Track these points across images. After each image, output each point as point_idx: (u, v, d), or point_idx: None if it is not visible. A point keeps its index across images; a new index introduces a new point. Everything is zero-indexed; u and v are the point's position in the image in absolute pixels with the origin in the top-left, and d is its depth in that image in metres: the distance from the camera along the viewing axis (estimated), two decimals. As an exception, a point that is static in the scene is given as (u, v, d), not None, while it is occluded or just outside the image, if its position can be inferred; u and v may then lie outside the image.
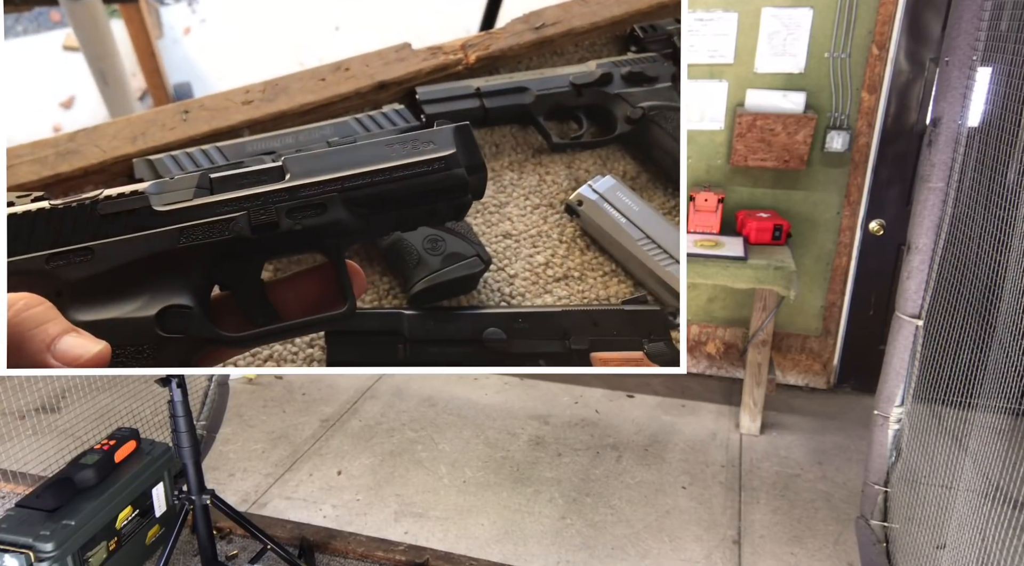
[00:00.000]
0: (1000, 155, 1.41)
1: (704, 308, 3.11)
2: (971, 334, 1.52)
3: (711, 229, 2.65)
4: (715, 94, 2.78)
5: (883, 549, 1.81)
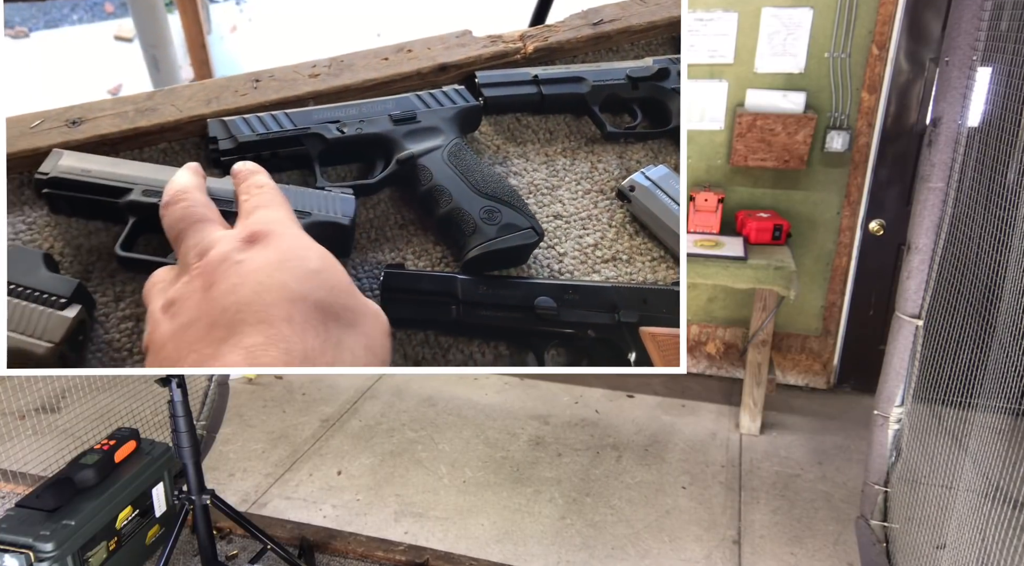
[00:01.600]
0: (1000, 155, 1.41)
1: (704, 308, 3.11)
2: (971, 334, 1.52)
3: (711, 229, 2.65)
4: (715, 94, 2.78)
5: (883, 549, 1.81)
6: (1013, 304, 1.35)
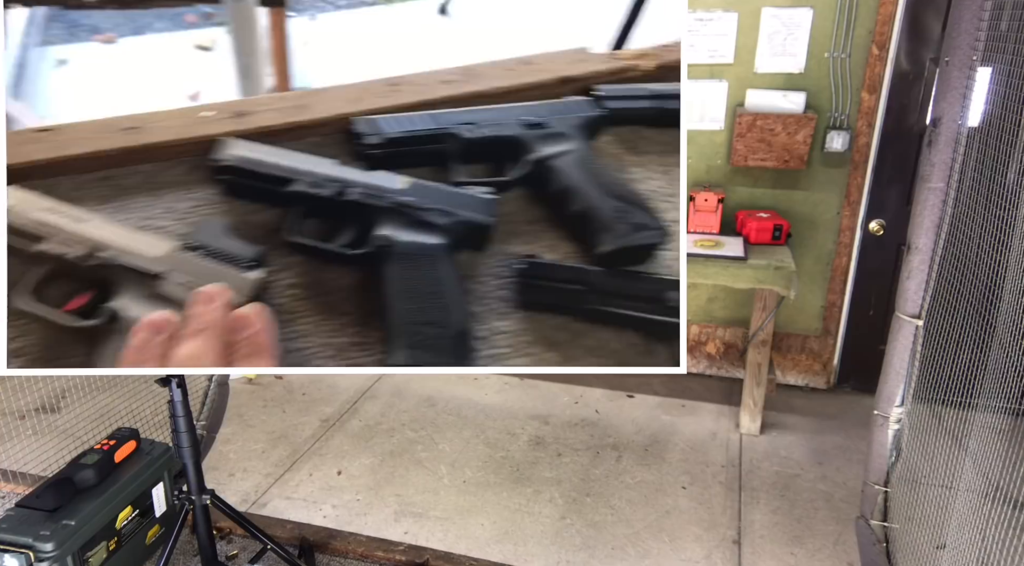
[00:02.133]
0: (1000, 155, 1.41)
1: (704, 308, 3.11)
2: (971, 334, 1.52)
3: (711, 229, 2.65)
4: (715, 94, 2.78)
5: (883, 549, 1.81)
6: (1013, 304, 1.35)
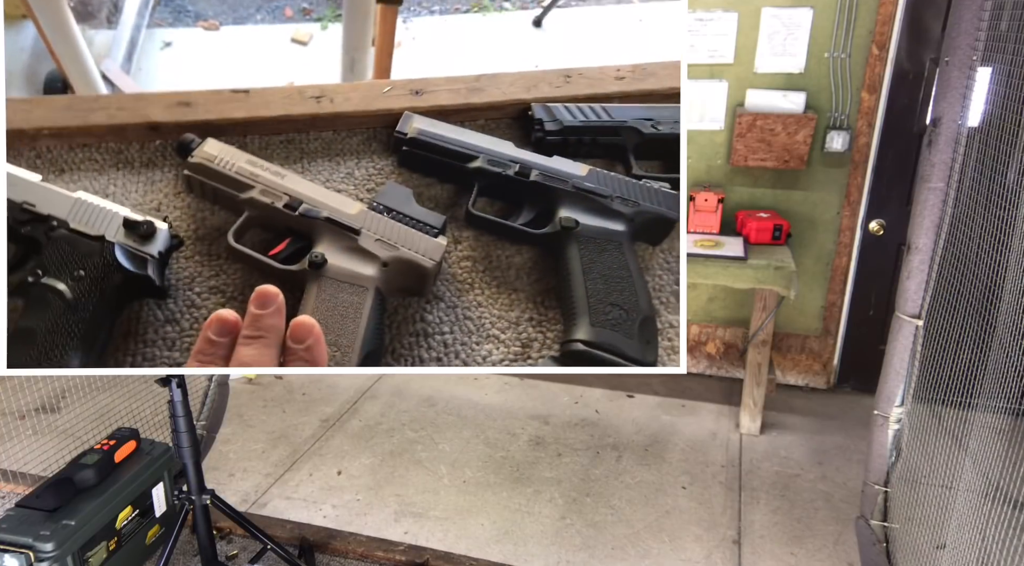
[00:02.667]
0: (1000, 155, 1.41)
1: (704, 308, 3.11)
2: (971, 334, 1.52)
3: (711, 229, 2.65)
4: (715, 94, 2.78)
5: (883, 549, 1.81)
6: (1013, 304, 1.35)
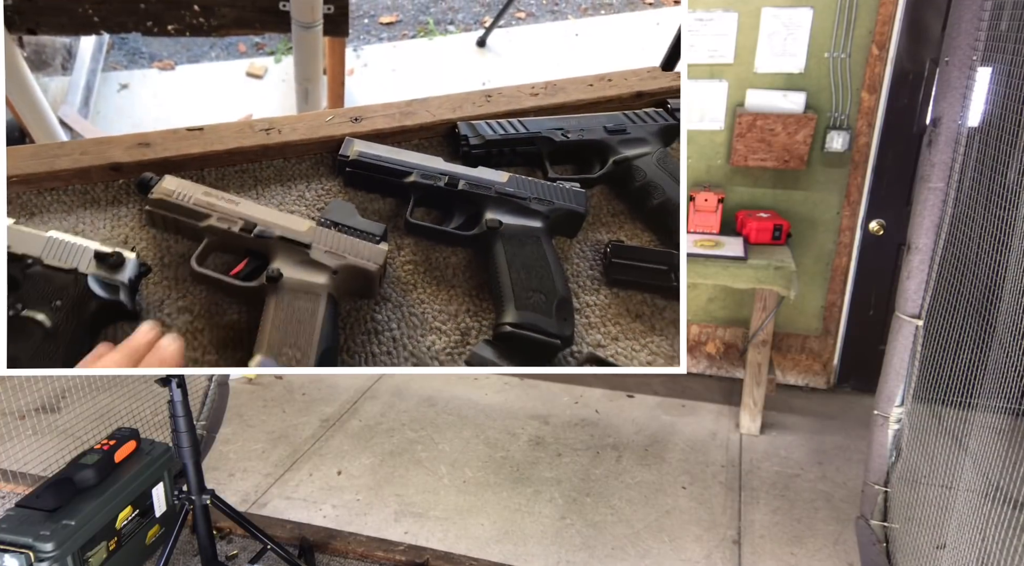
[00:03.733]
0: (1000, 155, 1.41)
1: (704, 308, 3.11)
2: (971, 334, 1.52)
3: (711, 229, 2.65)
4: (715, 94, 2.78)
5: (883, 549, 1.81)
6: (1013, 304, 1.35)
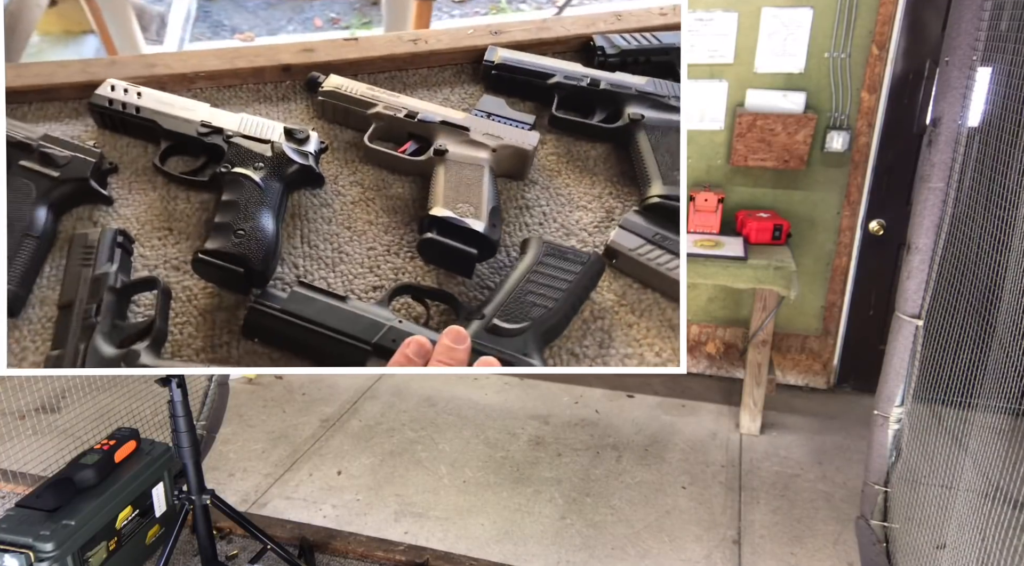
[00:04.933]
0: (1000, 155, 1.41)
1: (704, 308, 3.11)
2: (971, 334, 1.52)
3: (711, 229, 2.65)
4: (715, 94, 2.78)
5: (883, 549, 1.81)
6: (1013, 304, 1.35)
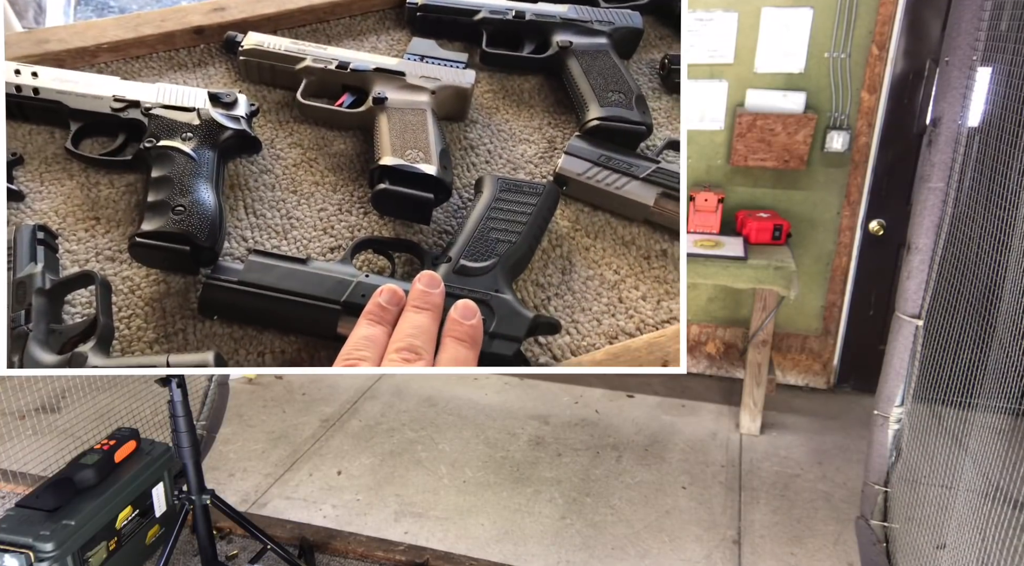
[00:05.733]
0: (1000, 155, 1.41)
1: (704, 308, 3.11)
2: (971, 334, 1.52)
3: (711, 229, 2.65)
4: (715, 94, 2.78)
5: (883, 549, 1.81)
6: (1013, 304, 1.35)
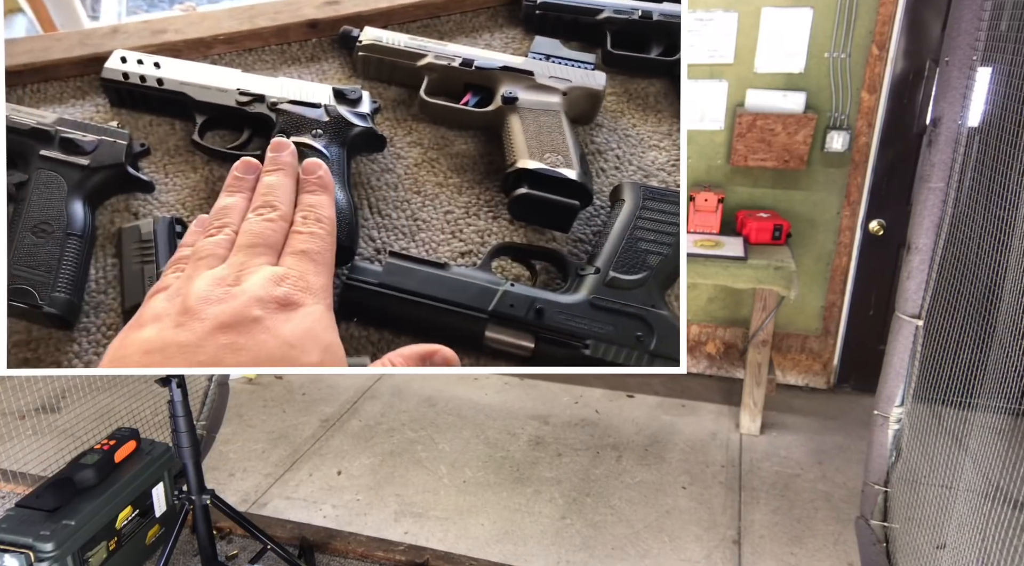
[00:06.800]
0: (1000, 155, 1.41)
1: (704, 308, 3.11)
2: (971, 334, 1.52)
3: (711, 229, 2.65)
4: (715, 94, 2.78)
5: (883, 549, 1.81)
6: (1013, 304, 1.35)
